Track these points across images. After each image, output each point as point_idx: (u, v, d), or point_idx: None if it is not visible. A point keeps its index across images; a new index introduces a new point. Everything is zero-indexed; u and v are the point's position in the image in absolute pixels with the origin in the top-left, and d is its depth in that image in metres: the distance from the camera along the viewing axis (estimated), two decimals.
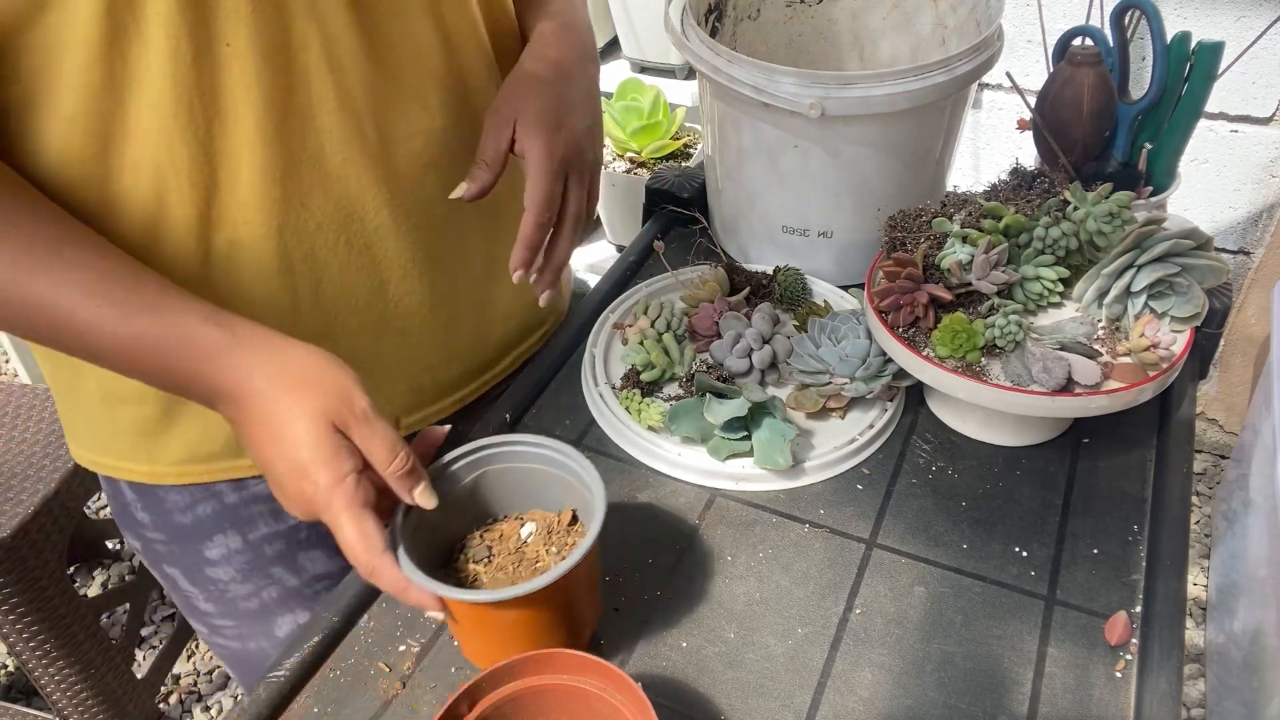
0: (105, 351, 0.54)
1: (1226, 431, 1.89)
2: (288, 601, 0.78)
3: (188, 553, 0.75)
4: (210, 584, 0.76)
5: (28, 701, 1.63)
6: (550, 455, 0.59)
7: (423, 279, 0.70)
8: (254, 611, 0.78)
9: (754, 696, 0.58)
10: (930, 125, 0.80)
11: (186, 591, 0.78)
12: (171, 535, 0.74)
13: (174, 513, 0.73)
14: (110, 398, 0.68)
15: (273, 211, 0.60)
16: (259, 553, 0.75)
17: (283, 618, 0.79)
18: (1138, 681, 0.57)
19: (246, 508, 0.73)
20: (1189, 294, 0.68)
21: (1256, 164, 1.56)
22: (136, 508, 0.74)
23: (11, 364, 2.22)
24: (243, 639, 0.80)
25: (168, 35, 0.52)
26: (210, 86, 0.55)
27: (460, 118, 0.68)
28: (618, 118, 1.79)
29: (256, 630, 0.79)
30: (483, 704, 0.50)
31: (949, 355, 0.67)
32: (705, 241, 0.93)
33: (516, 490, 0.61)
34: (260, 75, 0.56)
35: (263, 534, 0.74)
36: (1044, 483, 0.70)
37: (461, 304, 0.75)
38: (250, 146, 0.58)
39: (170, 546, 0.75)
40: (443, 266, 0.71)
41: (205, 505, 0.73)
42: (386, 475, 0.53)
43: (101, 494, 1.96)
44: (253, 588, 0.77)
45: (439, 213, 0.69)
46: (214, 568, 0.75)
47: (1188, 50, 0.75)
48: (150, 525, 0.75)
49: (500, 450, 0.60)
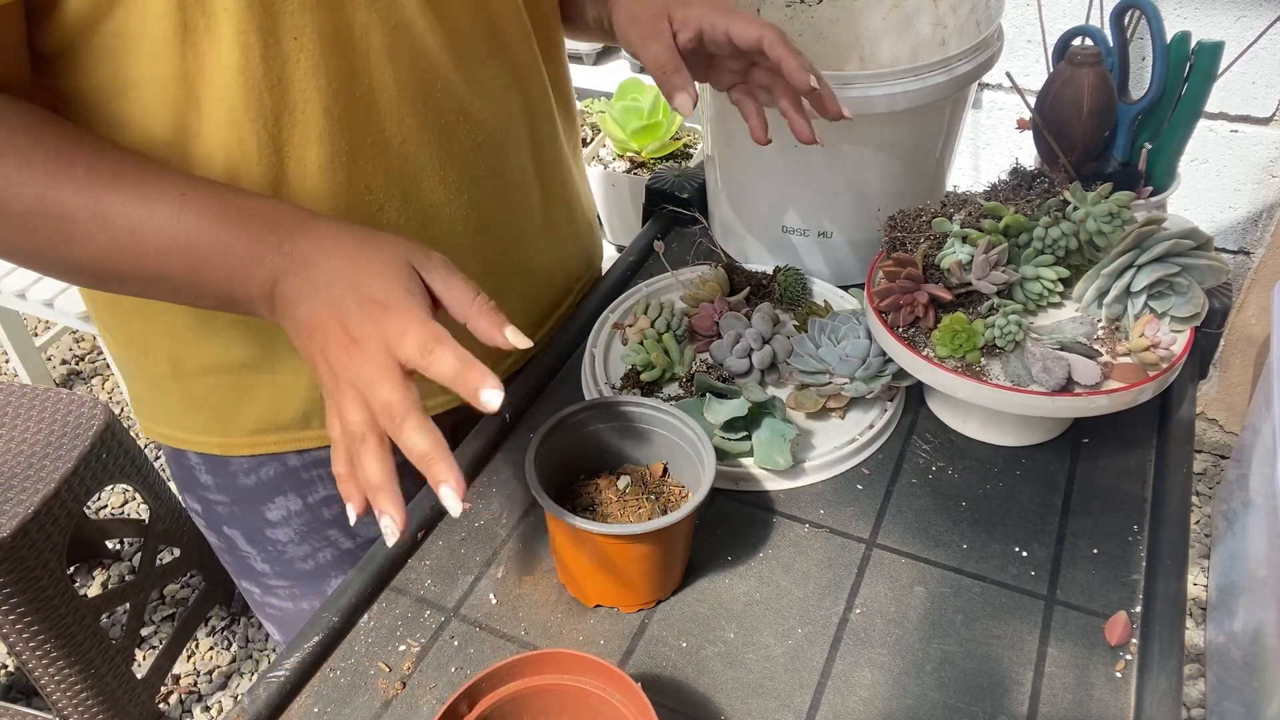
0: (182, 246, 0.52)
1: (1226, 431, 1.89)
2: (341, 563, 0.81)
3: (249, 514, 0.77)
4: (269, 544, 0.79)
5: (28, 701, 1.63)
6: (650, 414, 0.65)
7: (475, 251, 0.72)
8: (309, 572, 0.80)
9: (754, 696, 0.58)
10: (930, 125, 0.80)
11: (245, 552, 0.80)
12: (234, 497, 0.77)
13: (238, 475, 0.75)
14: (181, 371, 0.70)
15: (339, 195, 0.62)
16: (317, 515, 0.77)
17: (336, 579, 0.81)
18: (1138, 681, 0.57)
19: (308, 470, 0.75)
20: (1189, 294, 0.68)
21: (1256, 164, 1.56)
22: (201, 470, 0.76)
23: (11, 364, 2.22)
24: (295, 599, 0.83)
25: (237, 31, 0.53)
26: (278, 79, 0.56)
27: (509, 91, 0.70)
28: (618, 118, 1.79)
29: (310, 590, 0.82)
30: (483, 704, 0.50)
31: (949, 355, 0.68)
32: (705, 241, 0.93)
33: (606, 449, 0.66)
34: (325, 66, 0.57)
35: (321, 496, 0.76)
36: (1044, 483, 0.70)
37: (512, 272, 0.77)
38: (318, 136, 0.59)
39: (232, 508, 0.77)
40: (493, 236, 0.73)
41: (269, 468, 0.74)
42: (471, 312, 0.51)
43: (101, 494, 1.96)
44: (309, 549, 0.79)
45: (489, 186, 0.71)
46: (274, 529, 0.78)
47: (1188, 50, 0.75)
48: (214, 487, 0.77)
49: (596, 413, 0.65)
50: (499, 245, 0.74)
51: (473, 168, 0.69)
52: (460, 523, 0.69)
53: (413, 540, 0.67)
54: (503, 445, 0.75)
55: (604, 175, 1.84)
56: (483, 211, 0.71)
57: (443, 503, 0.49)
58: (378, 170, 0.63)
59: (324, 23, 0.56)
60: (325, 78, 0.58)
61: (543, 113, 0.75)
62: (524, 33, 0.71)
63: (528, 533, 0.68)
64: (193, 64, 0.54)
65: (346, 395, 0.49)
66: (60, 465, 1.30)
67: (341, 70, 0.58)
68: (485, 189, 0.71)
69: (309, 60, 0.56)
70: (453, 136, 0.67)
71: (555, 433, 0.63)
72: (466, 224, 0.70)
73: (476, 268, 0.72)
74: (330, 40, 0.57)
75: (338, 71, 0.58)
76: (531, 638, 0.62)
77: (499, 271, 0.75)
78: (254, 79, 0.55)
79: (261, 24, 0.54)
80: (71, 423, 1.36)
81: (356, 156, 0.61)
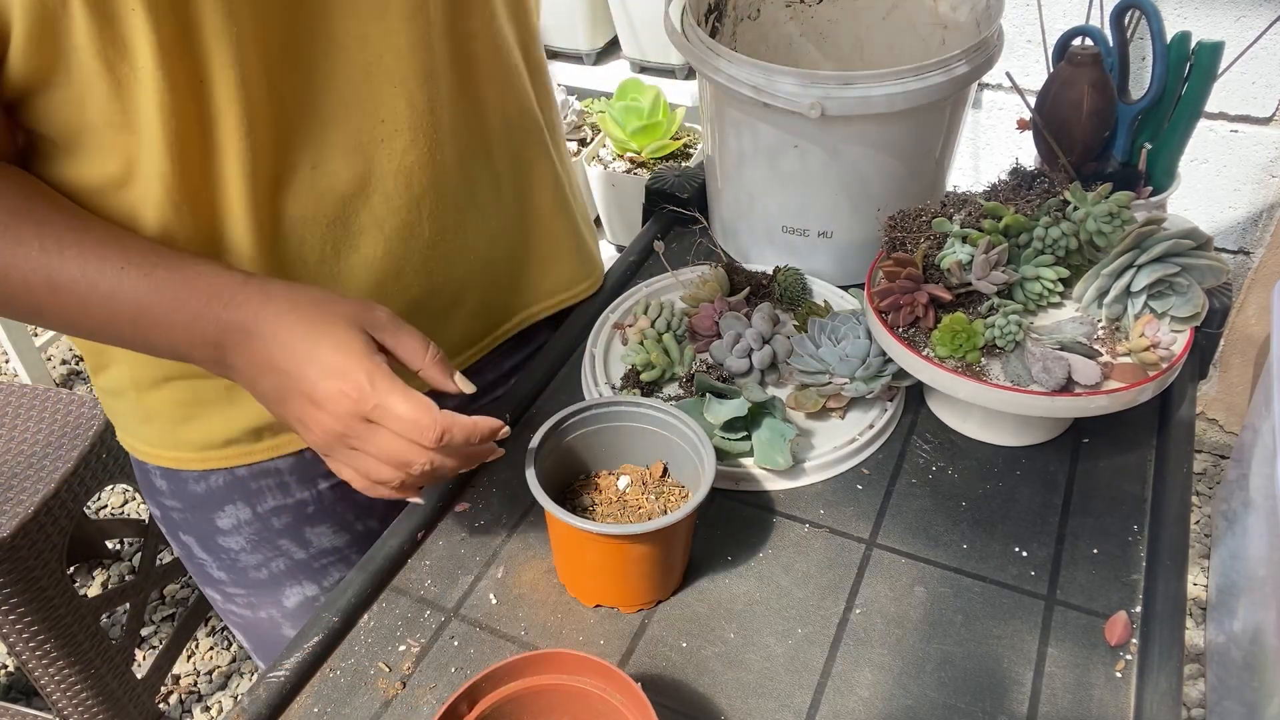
0: (128, 315, 0.55)
1: (1226, 431, 1.89)
2: (295, 573, 0.80)
3: (201, 521, 0.77)
4: (222, 552, 0.79)
5: (28, 701, 1.63)
6: (649, 414, 0.64)
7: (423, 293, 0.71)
8: (263, 581, 0.80)
9: (754, 696, 0.58)
10: (930, 125, 0.80)
11: (200, 559, 0.80)
12: (186, 504, 0.77)
13: (189, 482, 0.75)
14: (140, 384, 0.70)
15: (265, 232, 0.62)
16: (267, 524, 0.77)
17: (290, 589, 0.80)
18: (1138, 681, 0.57)
19: (256, 480, 0.75)
20: (1189, 294, 0.68)
21: (1256, 164, 1.56)
22: (155, 475, 0.77)
23: (11, 364, 2.22)
24: (253, 608, 0.82)
25: (153, 82, 0.53)
26: (196, 119, 0.56)
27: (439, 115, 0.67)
28: (618, 118, 1.79)
29: (266, 599, 0.81)
30: (483, 704, 0.50)
31: (949, 355, 0.67)
32: (705, 241, 0.93)
33: (605, 449, 0.66)
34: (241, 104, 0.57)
35: (270, 507, 0.76)
36: (1044, 483, 0.70)
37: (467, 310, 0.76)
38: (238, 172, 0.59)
39: (185, 514, 0.78)
40: (440, 278, 0.72)
41: (217, 477, 0.75)
42: (425, 365, 0.56)
43: (101, 494, 1.96)
44: (261, 558, 0.79)
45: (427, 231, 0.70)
46: (225, 537, 0.77)
47: (1188, 50, 0.75)
48: (169, 493, 0.77)
49: (595, 413, 0.65)
50: (454, 287, 0.73)
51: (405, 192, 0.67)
52: (460, 523, 0.69)
53: (413, 540, 0.67)
54: (503, 445, 0.75)
55: (604, 175, 1.84)
56: (430, 255, 0.70)
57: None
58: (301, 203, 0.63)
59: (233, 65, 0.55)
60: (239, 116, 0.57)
61: (514, 117, 0.74)
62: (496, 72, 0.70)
63: (528, 533, 0.68)
64: (130, 112, 0.55)
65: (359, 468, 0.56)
66: (60, 465, 1.30)
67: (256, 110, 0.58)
68: (423, 212, 0.69)
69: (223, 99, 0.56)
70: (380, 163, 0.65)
71: (555, 433, 0.63)
72: (407, 248, 0.69)
73: (420, 290, 0.71)
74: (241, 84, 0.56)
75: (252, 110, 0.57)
76: (531, 638, 0.62)
77: (450, 287, 0.74)
78: (175, 122, 0.55)
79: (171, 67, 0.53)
80: (71, 423, 1.36)
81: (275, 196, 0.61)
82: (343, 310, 0.54)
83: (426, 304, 0.72)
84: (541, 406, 0.78)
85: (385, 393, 0.52)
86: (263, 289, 0.55)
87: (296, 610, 0.81)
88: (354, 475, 0.57)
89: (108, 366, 0.71)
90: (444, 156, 0.68)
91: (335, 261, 0.66)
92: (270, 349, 0.54)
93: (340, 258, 0.66)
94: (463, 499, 0.71)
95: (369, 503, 0.79)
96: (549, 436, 0.62)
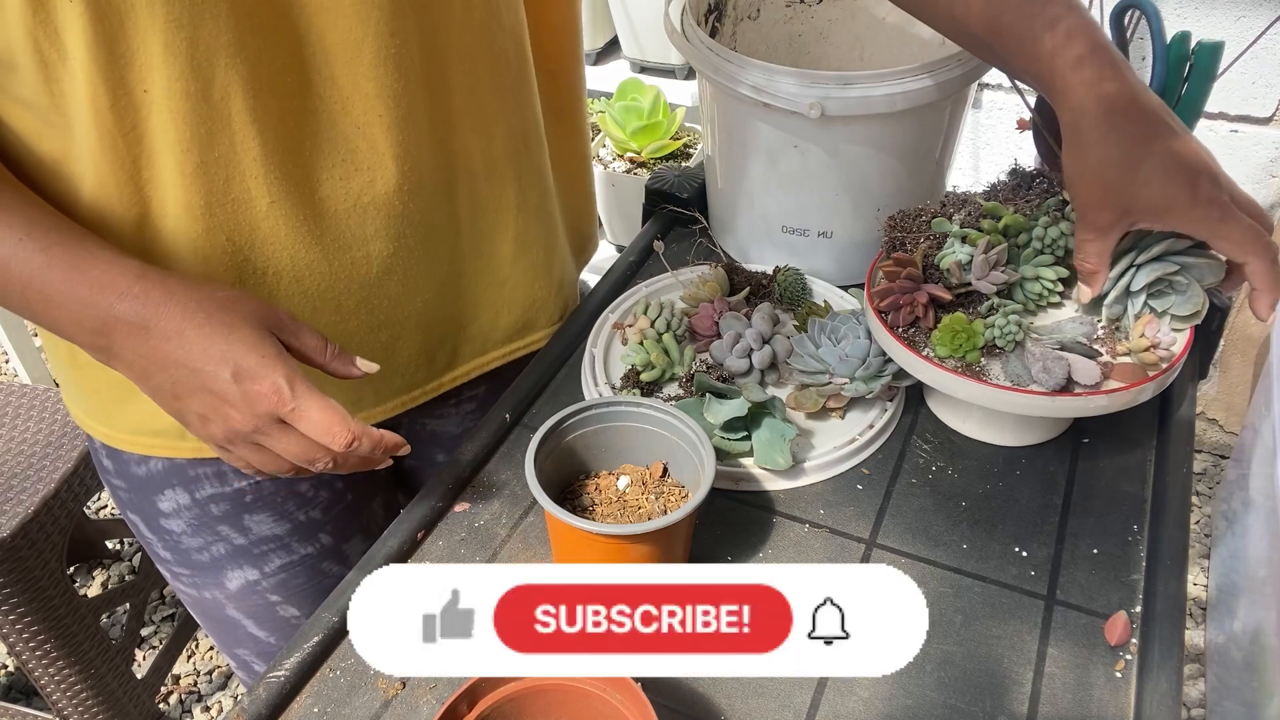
0: (18, 286, 0.56)
1: (1226, 431, 1.89)
2: (236, 558, 0.80)
3: (144, 502, 0.78)
4: (165, 534, 0.79)
5: (28, 701, 1.63)
6: (649, 414, 0.64)
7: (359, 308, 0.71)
8: (205, 564, 0.80)
9: (754, 696, 0.58)
10: (930, 125, 0.80)
11: (148, 538, 0.81)
12: (130, 485, 0.78)
13: (130, 464, 0.76)
14: (76, 361, 0.71)
15: (197, 244, 0.62)
16: (205, 510, 0.77)
17: (232, 572, 0.81)
18: (1138, 681, 0.57)
19: (193, 468, 0.75)
20: (1189, 293, 0.68)
21: (1256, 164, 1.56)
22: (102, 455, 0.78)
23: (11, 364, 2.22)
24: (197, 587, 0.83)
25: (85, 76, 0.54)
26: (132, 126, 0.57)
27: (402, 161, 0.66)
28: (618, 118, 1.80)
29: (209, 581, 0.82)
30: (483, 704, 0.50)
31: (949, 355, 0.67)
32: (705, 241, 0.93)
33: (605, 449, 0.66)
34: (178, 121, 0.57)
35: (208, 494, 0.77)
36: (1044, 483, 0.70)
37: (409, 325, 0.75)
38: (174, 185, 0.59)
39: (130, 495, 0.78)
40: (385, 293, 0.71)
41: (157, 461, 0.75)
42: (326, 362, 0.58)
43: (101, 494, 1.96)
44: (202, 542, 0.79)
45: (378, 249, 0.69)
46: (166, 519, 0.78)
47: (1188, 50, 0.75)
48: (113, 473, 0.78)
49: (595, 413, 0.65)
50: (391, 302, 0.72)
51: (357, 230, 0.67)
52: (460, 523, 0.69)
53: (413, 540, 0.67)
54: (503, 445, 0.75)
55: (604, 175, 1.84)
56: (372, 270, 0.69)
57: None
58: (241, 226, 0.62)
59: (176, 80, 0.55)
60: (176, 133, 0.57)
61: (489, 168, 0.72)
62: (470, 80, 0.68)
63: (528, 533, 0.68)
64: (59, 97, 0.55)
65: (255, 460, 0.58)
66: (60, 465, 1.30)
67: (199, 128, 0.58)
68: (372, 252, 0.68)
69: (160, 114, 0.56)
70: (327, 204, 0.65)
71: (555, 433, 0.63)
72: (349, 282, 0.68)
73: (359, 323, 0.71)
74: (184, 98, 0.56)
75: (194, 129, 0.57)
76: None
77: (392, 325, 0.73)
78: (106, 123, 0.56)
79: (106, 73, 0.54)
80: (71, 423, 1.36)
81: (214, 210, 0.61)
82: (249, 310, 0.56)
83: (364, 340, 0.72)
84: (541, 406, 0.78)
85: (303, 396, 0.54)
86: (163, 285, 0.55)
87: (238, 593, 0.82)
88: (245, 465, 0.59)
89: (48, 339, 0.71)
90: (405, 199, 0.67)
91: (263, 276, 0.65)
92: (170, 345, 0.55)
93: (269, 275, 0.65)
94: (463, 499, 0.71)
95: (311, 494, 0.80)
96: (549, 436, 0.62)
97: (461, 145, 0.69)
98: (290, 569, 0.81)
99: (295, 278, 0.66)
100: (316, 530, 0.82)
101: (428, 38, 0.63)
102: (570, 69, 0.80)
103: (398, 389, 0.77)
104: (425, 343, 0.77)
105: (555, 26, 0.75)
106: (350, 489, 0.83)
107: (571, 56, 0.80)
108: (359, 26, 0.59)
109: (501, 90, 0.70)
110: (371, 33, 0.60)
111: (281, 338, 0.57)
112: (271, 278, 0.65)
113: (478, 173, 0.72)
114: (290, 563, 0.81)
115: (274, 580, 0.81)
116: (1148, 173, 0.59)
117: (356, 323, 0.71)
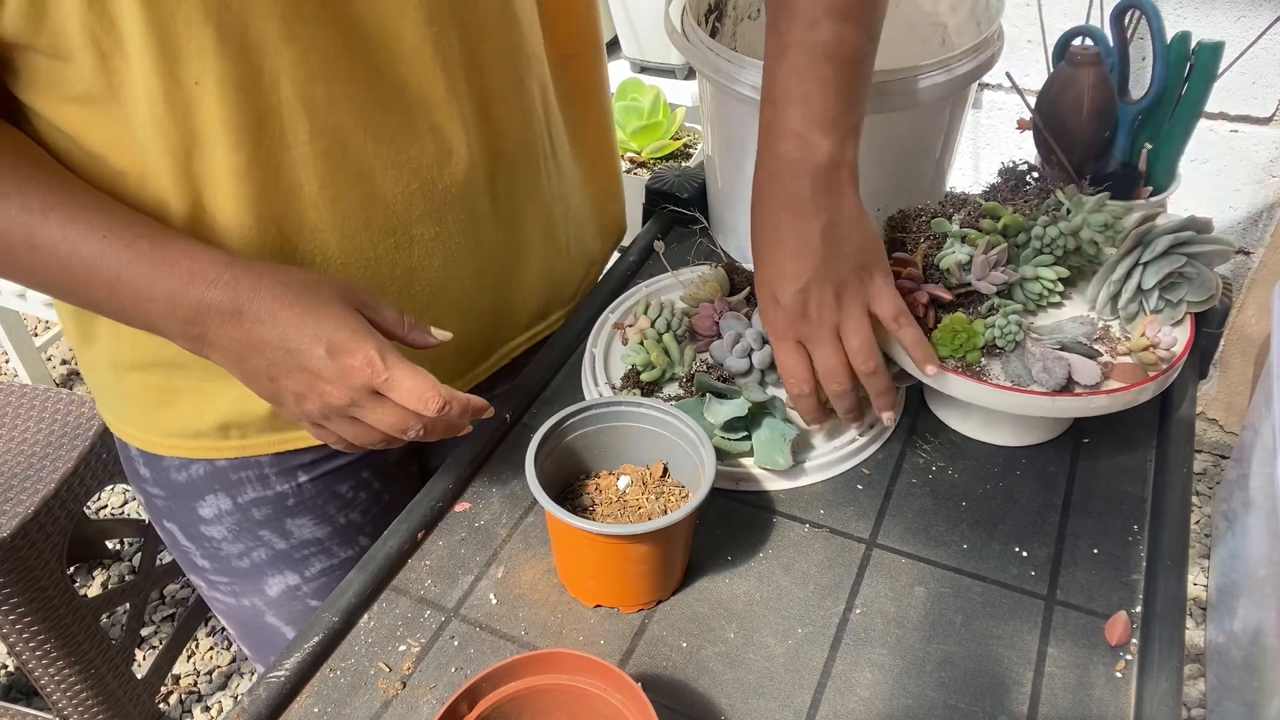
0: (105, 283, 0.56)
1: (1226, 431, 1.89)
2: (277, 563, 0.80)
3: (184, 510, 0.78)
4: (205, 541, 0.79)
5: (28, 701, 1.63)
6: (649, 414, 0.65)
7: (403, 293, 0.71)
8: (246, 570, 0.81)
9: (754, 696, 0.58)
10: (930, 125, 0.80)
11: (185, 547, 0.81)
12: (169, 492, 0.77)
13: (170, 470, 0.76)
14: (118, 365, 0.71)
15: (248, 235, 0.62)
16: (247, 515, 0.77)
17: (273, 578, 0.81)
18: (1138, 681, 0.57)
19: (235, 472, 0.75)
20: (1199, 280, 0.68)
21: (1256, 164, 1.56)
22: (139, 463, 0.78)
23: (11, 364, 2.22)
24: (236, 595, 0.83)
25: (142, 70, 0.54)
26: (184, 118, 0.57)
27: (444, 145, 0.67)
28: (618, 118, 1.80)
29: (249, 588, 0.82)
30: (483, 704, 0.50)
31: (949, 355, 0.68)
32: (705, 241, 0.93)
33: (605, 449, 0.66)
34: (229, 112, 0.57)
35: (250, 498, 0.77)
36: (1044, 483, 0.70)
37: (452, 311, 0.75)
38: (226, 177, 0.59)
39: (169, 502, 0.78)
40: (427, 280, 0.72)
41: (198, 466, 0.75)
42: (405, 332, 0.60)
43: (101, 494, 1.96)
44: (243, 548, 0.79)
45: (423, 233, 0.69)
46: (207, 526, 0.78)
47: (1188, 50, 0.75)
48: (151, 481, 0.78)
49: (595, 413, 0.65)
50: (433, 289, 0.72)
51: (403, 215, 0.67)
52: (460, 523, 0.69)
53: (413, 540, 0.67)
54: (502, 445, 0.75)
55: None
56: (414, 255, 0.70)
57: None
58: (290, 215, 0.63)
59: (228, 69, 0.56)
60: (227, 123, 0.57)
61: (519, 152, 0.73)
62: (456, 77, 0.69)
63: (528, 533, 0.68)
64: (117, 87, 0.55)
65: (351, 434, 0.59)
66: (60, 465, 1.30)
67: (249, 118, 0.58)
68: (416, 236, 0.69)
69: (211, 104, 0.57)
70: (379, 185, 0.65)
71: (555, 433, 0.63)
72: (393, 267, 0.69)
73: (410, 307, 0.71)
74: (235, 88, 0.57)
75: (245, 118, 0.58)
76: (531, 638, 0.62)
77: (432, 312, 0.73)
78: (160, 115, 0.56)
79: (159, 66, 0.54)
80: (71, 423, 1.36)
81: (264, 200, 0.61)
82: (334, 289, 0.57)
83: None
84: (541, 406, 0.78)
85: (395, 366, 0.55)
86: (251, 270, 0.56)
87: (279, 599, 0.82)
88: (338, 440, 0.60)
89: (90, 342, 0.72)
90: (447, 182, 0.68)
91: (311, 263, 0.66)
92: (264, 328, 0.56)
93: (316, 262, 0.66)
94: (463, 499, 0.71)
95: (351, 496, 0.80)
96: (549, 436, 0.62)
97: (497, 130, 0.70)
98: (331, 573, 0.82)
99: (342, 264, 0.67)
100: (356, 533, 0.82)
101: (461, 25, 0.64)
102: (586, 52, 0.80)
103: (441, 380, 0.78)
104: (462, 330, 0.77)
105: (568, 9, 0.76)
106: (386, 489, 0.84)
107: (587, 40, 0.80)
108: (399, 14, 0.61)
109: (527, 75, 0.71)
110: (410, 19, 0.61)
111: (364, 313, 0.58)
112: (319, 265, 0.66)
113: (512, 157, 0.73)
114: (331, 566, 0.82)
115: (315, 585, 0.82)
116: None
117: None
